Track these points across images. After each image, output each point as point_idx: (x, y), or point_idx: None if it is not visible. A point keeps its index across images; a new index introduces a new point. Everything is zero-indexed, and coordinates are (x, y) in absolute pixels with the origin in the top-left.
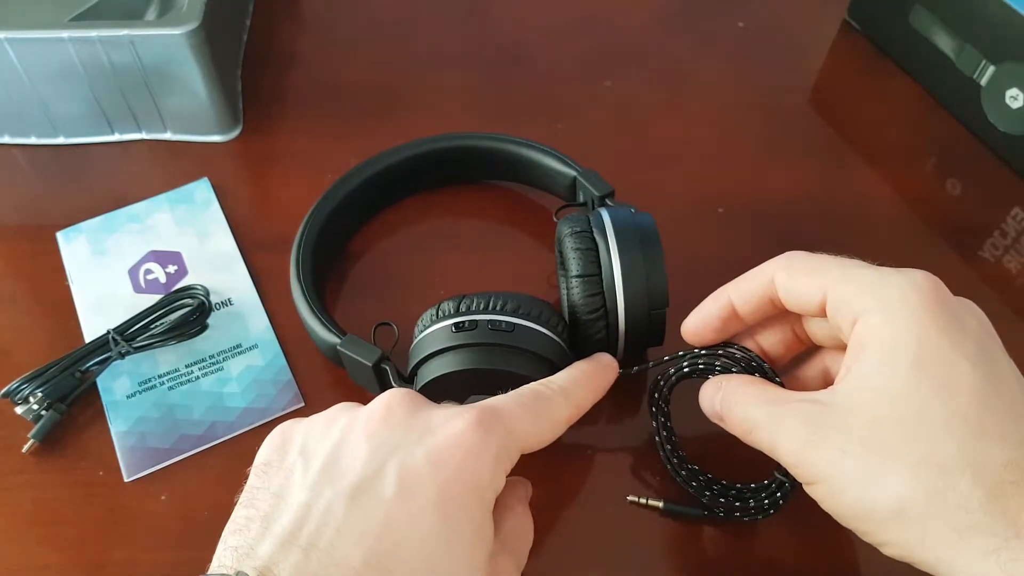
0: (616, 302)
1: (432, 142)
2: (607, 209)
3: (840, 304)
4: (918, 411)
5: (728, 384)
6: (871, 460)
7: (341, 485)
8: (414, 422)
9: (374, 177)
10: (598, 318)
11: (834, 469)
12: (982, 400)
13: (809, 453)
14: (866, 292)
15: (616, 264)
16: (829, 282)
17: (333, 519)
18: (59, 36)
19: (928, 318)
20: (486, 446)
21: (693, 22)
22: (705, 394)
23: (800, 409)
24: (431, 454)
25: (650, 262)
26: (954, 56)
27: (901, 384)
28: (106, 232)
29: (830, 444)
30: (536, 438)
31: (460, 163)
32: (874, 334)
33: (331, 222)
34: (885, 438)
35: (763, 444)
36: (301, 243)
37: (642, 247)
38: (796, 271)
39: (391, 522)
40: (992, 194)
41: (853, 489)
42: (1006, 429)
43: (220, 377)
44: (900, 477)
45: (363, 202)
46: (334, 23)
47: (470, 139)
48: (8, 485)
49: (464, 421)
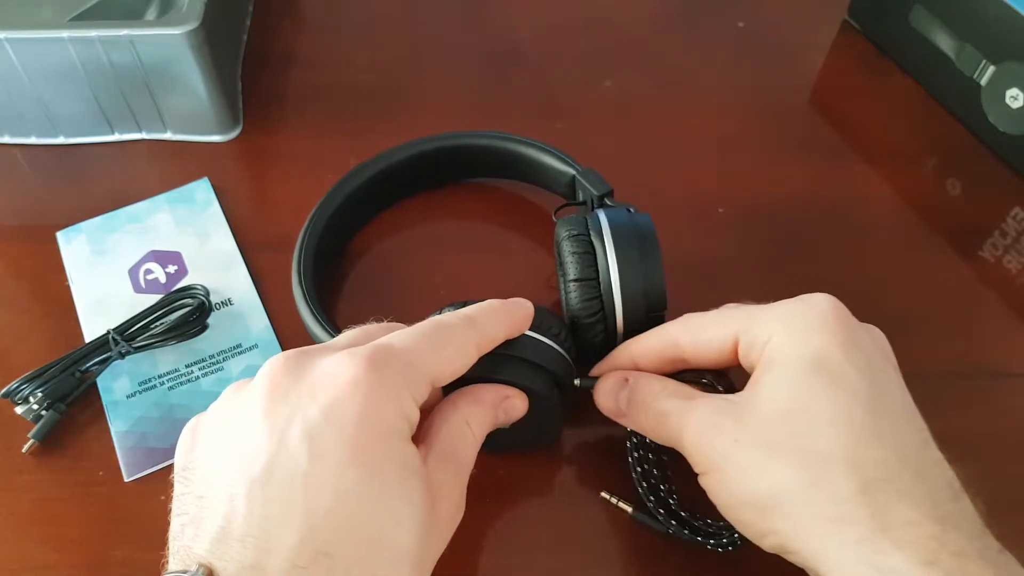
0: (614, 306)
1: (431, 141)
2: (605, 210)
3: (752, 340)
4: (806, 408)
5: (640, 380)
6: (759, 451)
7: (254, 471)
8: (302, 384)
9: (375, 177)
10: (596, 322)
11: (726, 458)
12: (865, 403)
13: (707, 441)
14: (772, 321)
15: (613, 268)
16: (739, 325)
17: (257, 506)
18: (59, 36)
19: (826, 333)
20: (384, 384)
21: (693, 22)
22: (605, 389)
23: (708, 402)
24: (329, 410)
25: (648, 265)
26: (954, 56)
27: (796, 385)
28: (106, 232)
29: (726, 433)
30: (442, 366)
31: (460, 161)
32: (779, 350)
33: (332, 223)
34: (774, 431)
35: (671, 434)
36: (303, 244)
37: (640, 249)
38: (701, 328)
39: (313, 493)
40: (992, 194)
41: (740, 477)
42: (883, 431)
43: (220, 377)
44: (782, 468)
45: (364, 202)
46: (334, 23)
47: (469, 137)
48: (8, 485)
49: (355, 366)
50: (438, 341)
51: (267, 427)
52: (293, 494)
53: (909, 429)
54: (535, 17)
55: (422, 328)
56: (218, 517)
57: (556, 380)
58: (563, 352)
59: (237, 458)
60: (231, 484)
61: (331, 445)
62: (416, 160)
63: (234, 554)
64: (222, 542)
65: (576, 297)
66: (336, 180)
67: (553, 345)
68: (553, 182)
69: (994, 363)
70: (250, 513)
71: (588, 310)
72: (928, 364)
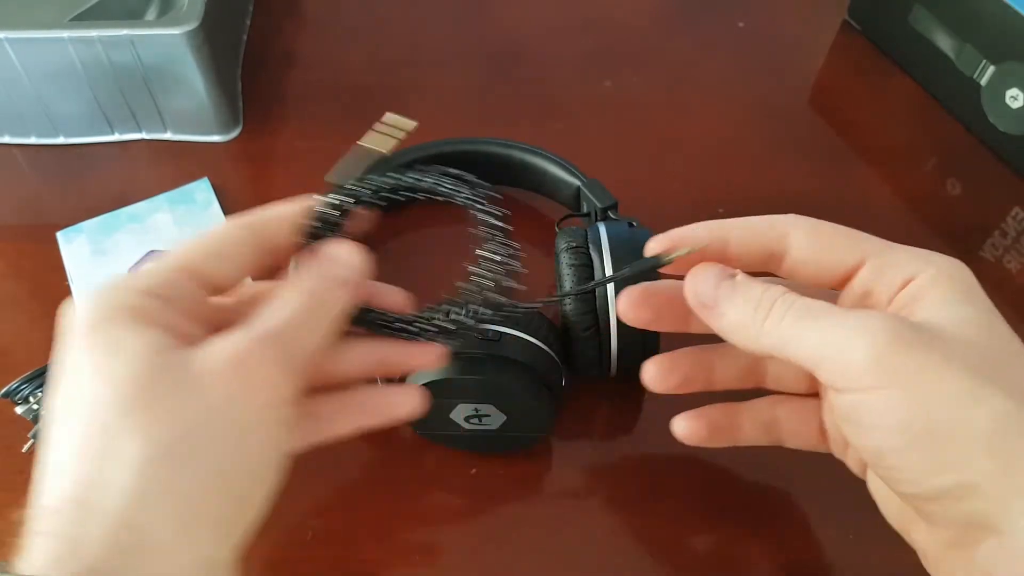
0: (609, 321)
1: (438, 146)
2: (605, 224)
3: (887, 268)
4: (1008, 347)
5: (745, 276)
6: (975, 376)
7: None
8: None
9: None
10: (591, 336)
11: (930, 376)
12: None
13: (902, 354)
14: (919, 257)
15: (610, 283)
16: (870, 249)
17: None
18: (59, 36)
19: (979, 288)
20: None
21: (693, 22)
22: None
23: (879, 314)
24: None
25: (645, 279)
26: (954, 56)
27: (987, 320)
28: (106, 232)
29: (931, 350)
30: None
31: (465, 168)
32: (944, 284)
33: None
34: (985, 359)
35: (818, 340)
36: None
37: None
38: (825, 234)
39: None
40: (992, 194)
41: (948, 399)
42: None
43: None
44: (1004, 396)
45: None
46: (334, 23)
47: (475, 144)
48: (8, 486)
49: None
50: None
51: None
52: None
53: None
54: (535, 17)
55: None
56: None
57: (544, 380)
58: (551, 352)
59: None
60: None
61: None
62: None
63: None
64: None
65: (571, 310)
66: None
67: (541, 345)
68: (558, 192)
69: None
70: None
71: (583, 323)
72: None
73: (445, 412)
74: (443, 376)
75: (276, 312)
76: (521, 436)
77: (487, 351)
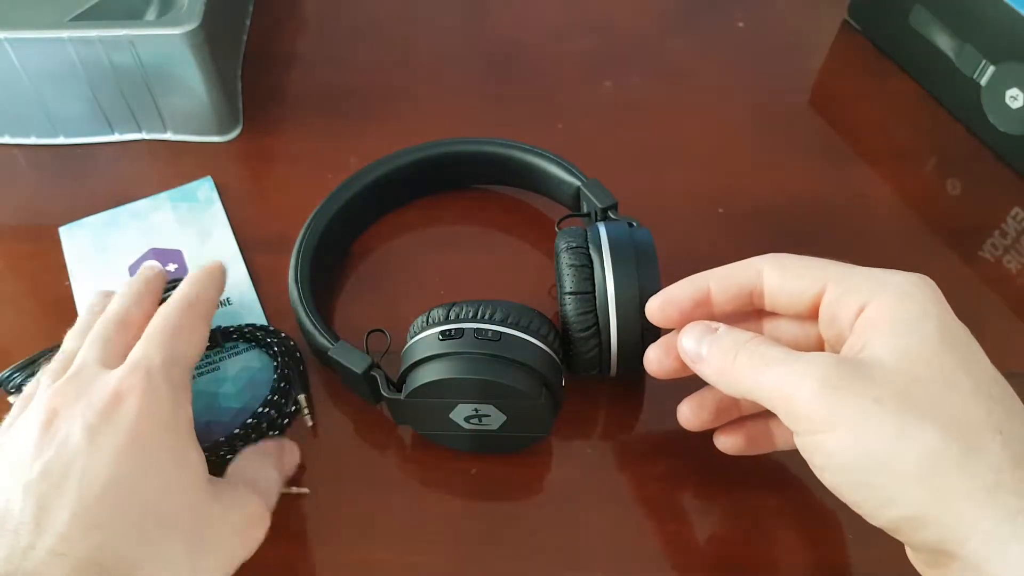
0: (608, 321)
1: (438, 146)
2: (605, 224)
3: (844, 295)
4: (949, 377)
5: (730, 328)
6: (905, 413)
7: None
8: (80, 400)
9: (377, 181)
10: (590, 336)
11: (864, 416)
12: (994, 378)
13: (837, 397)
14: (875, 281)
15: (610, 282)
16: (831, 275)
17: (31, 500)
18: (59, 36)
19: (939, 304)
20: (153, 387)
21: (693, 22)
22: (692, 331)
23: (827, 357)
24: (108, 413)
25: (645, 281)
26: (954, 56)
27: (930, 349)
28: (108, 228)
29: (863, 392)
30: (192, 347)
31: (466, 168)
32: (893, 311)
33: (332, 226)
34: (919, 394)
35: (773, 384)
36: (301, 247)
37: (637, 265)
38: (790, 267)
39: (88, 477)
40: (992, 194)
41: (881, 437)
42: (1020, 409)
43: (216, 377)
44: (933, 432)
45: (366, 206)
46: (334, 23)
47: (476, 144)
48: None
49: (129, 376)
50: (179, 332)
51: (45, 440)
52: (67, 483)
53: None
54: (535, 18)
55: (158, 330)
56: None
57: (544, 380)
58: (550, 351)
59: (14, 468)
60: (8, 489)
61: (109, 437)
62: (422, 165)
63: (8, 541)
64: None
65: (571, 310)
66: (337, 180)
67: (540, 345)
68: (558, 192)
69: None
70: (24, 507)
71: (583, 323)
72: None
73: (445, 412)
74: (443, 376)
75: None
76: (521, 436)
77: (488, 351)
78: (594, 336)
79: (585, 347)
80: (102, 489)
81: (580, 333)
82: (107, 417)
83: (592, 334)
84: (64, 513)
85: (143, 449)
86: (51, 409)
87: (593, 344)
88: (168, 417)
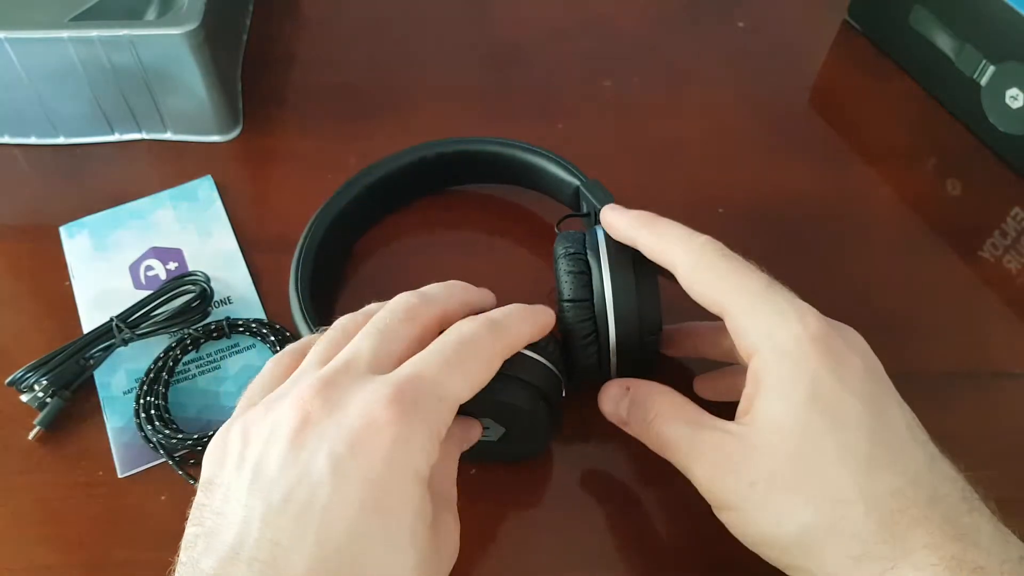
0: (607, 328)
1: (438, 146)
2: (603, 230)
3: (737, 335)
4: (814, 446)
5: (640, 391)
6: (776, 493)
7: (273, 498)
8: (333, 416)
9: (378, 182)
10: (589, 343)
11: (744, 500)
12: (870, 434)
13: (722, 483)
14: (759, 329)
15: (608, 289)
16: (727, 307)
17: (270, 531)
18: (59, 36)
19: (817, 358)
20: (413, 429)
21: (693, 22)
22: (609, 395)
23: (714, 439)
24: (357, 448)
25: (643, 287)
26: (954, 56)
27: (797, 420)
28: (109, 227)
29: (741, 476)
30: (469, 387)
31: (466, 167)
32: (769, 370)
33: (334, 227)
34: (787, 472)
35: (677, 462)
36: (302, 249)
37: (636, 270)
38: (698, 281)
39: (327, 528)
40: (992, 194)
41: (760, 518)
42: (893, 459)
43: (217, 376)
44: (802, 509)
45: (367, 207)
46: (334, 23)
47: (475, 144)
48: (8, 485)
49: (387, 408)
50: (464, 364)
51: (292, 457)
52: (307, 525)
53: (916, 448)
54: (535, 17)
55: (447, 349)
56: (230, 536)
57: (543, 395)
58: (551, 367)
59: (259, 483)
60: (249, 507)
61: (354, 483)
62: (421, 166)
63: (241, 572)
64: (230, 562)
65: (569, 317)
66: (337, 180)
67: (540, 360)
68: (558, 191)
69: (994, 363)
70: (261, 538)
71: (581, 331)
72: (928, 364)
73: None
74: None
75: None
76: (520, 449)
77: None
78: (593, 343)
79: (583, 354)
80: (338, 547)
81: (579, 341)
82: (355, 451)
83: (591, 341)
84: (300, 562)
85: (387, 510)
86: (304, 414)
87: (592, 351)
88: (419, 466)
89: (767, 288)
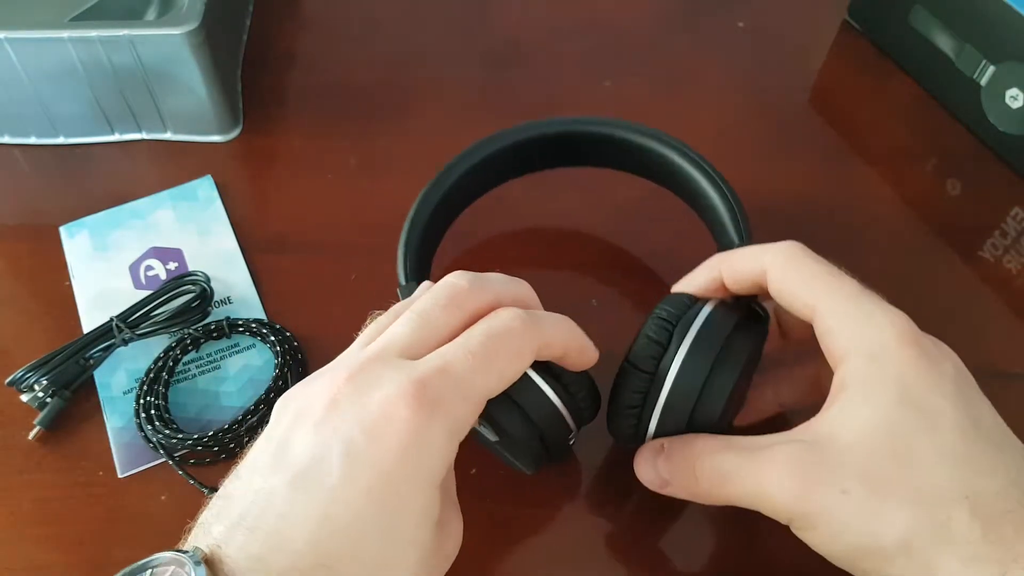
0: (654, 410)
1: (579, 124)
2: (716, 309)
3: (825, 335)
4: (908, 446)
5: (677, 442)
6: (873, 496)
7: (288, 473)
8: (360, 399)
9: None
10: (630, 415)
11: (836, 509)
12: (964, 435)
13: (808, 496)
14: (849, 332)
15: (672, 371)
16: (818, 308)
17: (277, 504)
18: (59, 36)
19: (907, 361)
20: (430, 430)
21: (693, 22)
22: (644, 458)
23: (785, 452)
24: (373, 438)
25: (712, 387)
26: (954, 56)
27: (889, 421)
28: (108, 227)
29: (830, 484)
30: (496, 385)
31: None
32: (856, 376)
33: (447, 197)
34: (882, 472)
35: (743, 494)
36: (412, 221)
37: (714, 367)
38: (789, 280)
39: (333, 509)
40: (992, 194)
41: (857, 527)
42: (991, 461)
43: (217, 376)
44: (904, 513)
45: (477, 182)
46: (334, 23)
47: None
48: (8, 485)
49: (410, 402)
50: (495, 358)
51: (314, 437)
52: (314, 503)
53: (1012, 451)
54: (535, 17)
55: (474, 342)
56: (242, 505)
57: (539, 434)
58: (561, 407)
59: (281, 458)
60: (264, 479)
61: (365, 470)
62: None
63: (241, 542)
64: (235, 528)
65: (622, 380)
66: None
67: (552, 398)
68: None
69: (994, 363)
70: (269, 507)
71: (627, 401)
72: None
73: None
74: None
75: None
76: (513, 460)
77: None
78: (634, 416)
79: (623, 422)
80: (340, 530)
81: (623, 408)
82: (370, 438)
83: (633, 414)
84: (301, 539)
85: (392, 505)
86: (336, 392)
87: (631, 424)
88: (432, 466)
89: (860, 292)
